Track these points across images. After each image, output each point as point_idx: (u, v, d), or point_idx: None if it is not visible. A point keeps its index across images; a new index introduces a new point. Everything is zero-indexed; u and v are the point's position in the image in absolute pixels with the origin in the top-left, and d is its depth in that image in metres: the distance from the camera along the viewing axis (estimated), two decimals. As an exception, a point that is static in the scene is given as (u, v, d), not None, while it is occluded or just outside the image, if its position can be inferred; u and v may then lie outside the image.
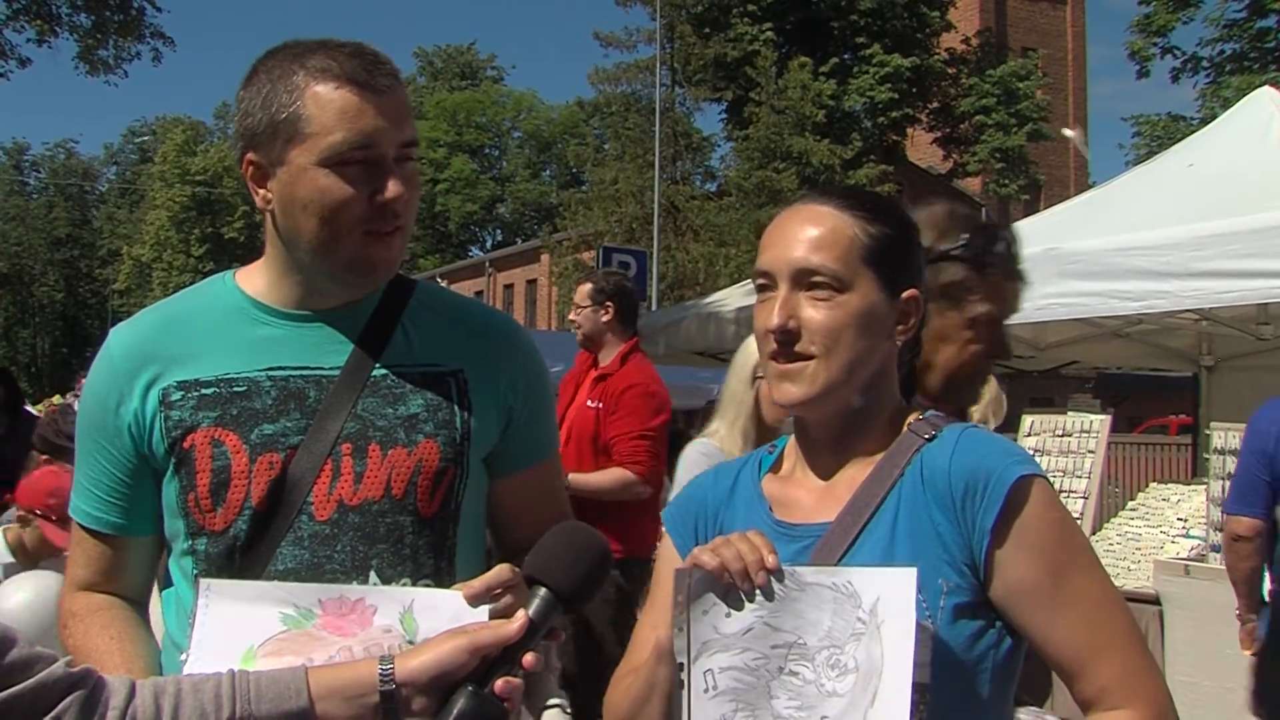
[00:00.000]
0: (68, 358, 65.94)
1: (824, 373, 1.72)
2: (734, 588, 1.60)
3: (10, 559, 4.51)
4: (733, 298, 9.07)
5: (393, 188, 1.83)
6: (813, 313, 1.72)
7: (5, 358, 65.66)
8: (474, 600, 1.68)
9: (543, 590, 1.59)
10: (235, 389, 1.91)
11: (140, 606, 2.05)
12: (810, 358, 1.72)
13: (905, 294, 1.78)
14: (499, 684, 1.53)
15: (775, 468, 1.90)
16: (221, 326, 1.97)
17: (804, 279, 1.73)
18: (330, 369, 1.93)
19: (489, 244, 59.88)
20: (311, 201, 1.83)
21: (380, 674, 1.51)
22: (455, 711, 1.50)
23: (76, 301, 70.78)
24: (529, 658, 1.56)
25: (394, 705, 1.50)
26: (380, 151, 1.82)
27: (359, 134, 1.80)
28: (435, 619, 1.67)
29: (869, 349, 1.74)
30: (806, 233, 1.75)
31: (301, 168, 1.82)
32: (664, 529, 1.97)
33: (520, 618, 1.56)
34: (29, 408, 7.74)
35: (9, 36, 17.07)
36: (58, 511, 4.43)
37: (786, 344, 1.73)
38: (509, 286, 47.98)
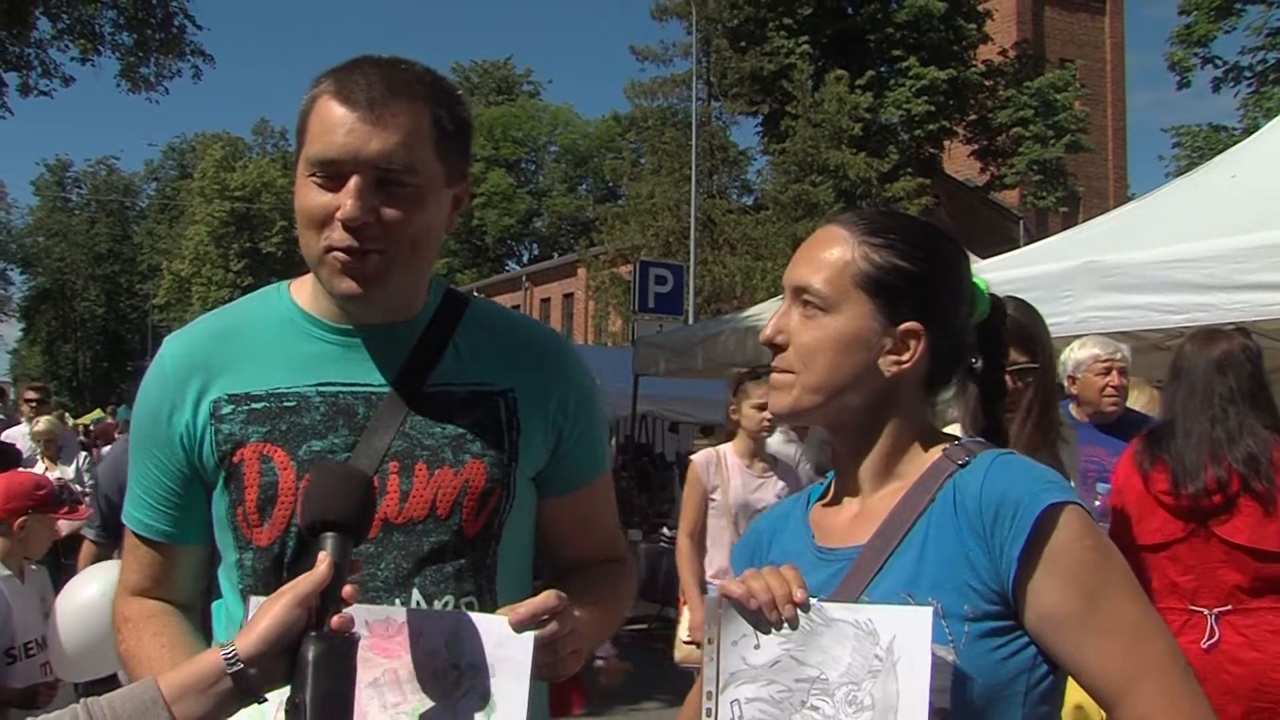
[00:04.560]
0: (109, 372, 66.62)
1: (799, 387, 1.77)
2: (763, 619, 1.62)
3: (6, 571, 4.48)
4: (770, 311, 9.04)
5: (347, 206, 1.77)
6: (798, 329, 1.78)
7: (47, 372, 66.55)
8: (519, 625, 1.68)
9: (330, 533, 1.60)
10: (285, 404, 1.91)
11: (193, 612, 2.07)
12: (792, 371, 1.78)
13: (903, 326, 1.77)
14: (334, 621, 1.54)
15: (823, 497, 1.92)
16: (273, 339, 1.97)
17: (799, 295, 1.79)
18: (380, 386, 1.93)
19: (525, 258, 60.01)
20: (298, 211, 1.85)
21: (224, 658, 1.52)
22: (310, 660, 1.50)
23: (117, 316, 71.46)
24: (347, 589, 1.58)
25: (249, 683, 1.52)
26: (345, 168, 1.78)
27: (327, 147, 1.79)
28: (481, 643, 1.68)
29: (848, 370, 1.76)
30: (813, 252, 1.81)
31: (299, 175, 1.84)
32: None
33: (324, 559, 1.57)
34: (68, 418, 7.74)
35: (54, 55, 17.37)
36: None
37: (777, 356, 1.79)
38: (545, 300, 48.11)
